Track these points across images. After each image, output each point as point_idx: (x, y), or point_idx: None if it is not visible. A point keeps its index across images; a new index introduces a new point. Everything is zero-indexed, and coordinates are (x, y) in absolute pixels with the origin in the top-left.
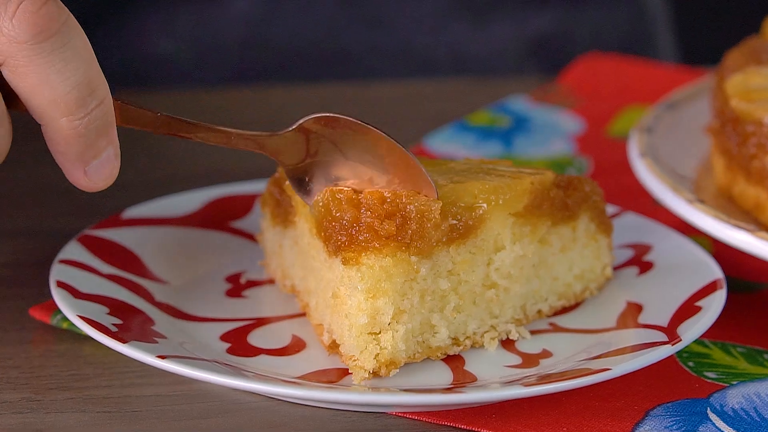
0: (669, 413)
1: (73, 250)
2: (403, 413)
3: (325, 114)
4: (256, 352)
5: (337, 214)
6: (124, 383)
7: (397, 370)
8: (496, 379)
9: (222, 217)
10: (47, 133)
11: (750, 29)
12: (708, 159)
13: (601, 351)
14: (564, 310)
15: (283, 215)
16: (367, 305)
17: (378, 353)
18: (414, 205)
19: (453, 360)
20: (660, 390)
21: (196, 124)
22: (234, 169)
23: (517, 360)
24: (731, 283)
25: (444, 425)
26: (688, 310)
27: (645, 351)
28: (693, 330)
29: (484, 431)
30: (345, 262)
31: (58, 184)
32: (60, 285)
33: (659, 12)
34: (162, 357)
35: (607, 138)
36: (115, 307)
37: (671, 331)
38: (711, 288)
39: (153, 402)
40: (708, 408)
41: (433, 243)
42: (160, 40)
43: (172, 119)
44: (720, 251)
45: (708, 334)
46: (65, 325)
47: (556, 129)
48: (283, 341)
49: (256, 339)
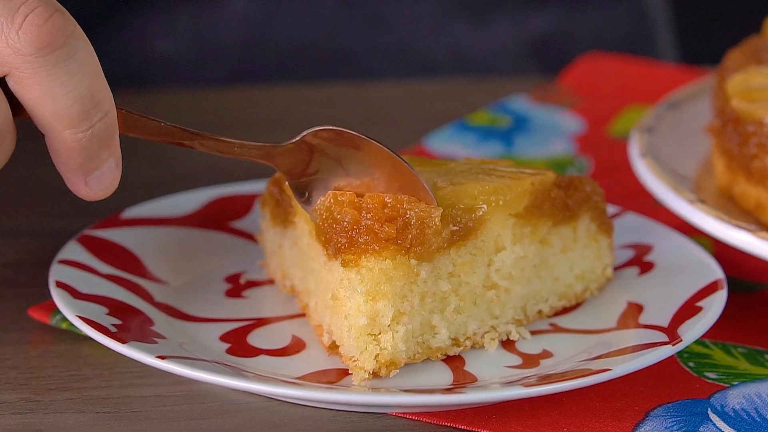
0: (669, 414)
1: (73, 250)
2: (403, 414)
3: (326, 127)
4: (255, 352)
5: (338, 216)
6: (123, 384)
7: (397, 370)
8: (496, 380)
9: (222, 218)
10: (50, 144)
11: (751, 29)
12: (709, 159)
13: (602, 351)
14: (564, 310)
15: (283, 215)
16: (367, 307)
17: (378, 353)
18: (414, 211)
19: (453, 360)
20: (660, 390)
21: (199, 133)
22: (234, 169)
23: (518, 360)
24: (732, 284)
25: (444, 426)
26: (688, 310)
27: (645, 351)
28: (694, 330)
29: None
30: (345, 264)
31: (57, 184)
32: (59, 285)
33: (660, 11)
34: (161, 357)
35: (608, 138)
36: (115, 308)
37: (672, 332)
38: (712, 288)
39: (152, 402)
40: (709, 408)
41: (433, 249)
42: (160, 40)
43: (175, 128)
44: (721, 251)
45: (709, 334)
46: (64, 326)
47: (556, 129)
48: (283, 341)
49: (255, 339)
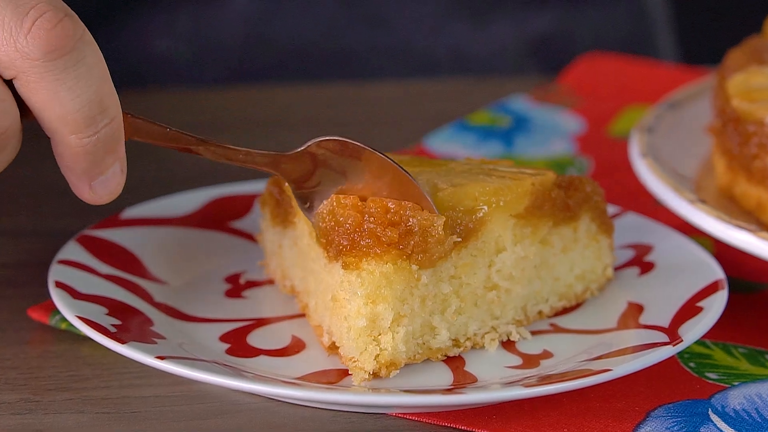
0: (670, 414)
1: (72, 250)
2: (403, 414)
3: (331, 138)
4: (255, 352)
5: (341, 218)
6: (122, 384)
7: (398, 371)
8: (496, 380)
9: (221, 217)
10: (56, 148)
11: (751, 28)
12: (709, 159)
13: (602, 352)
14: (565, 310)
15: (283, 215)
16: (367, 310)
17: (378, 354)
18: (417, 219)
19: (453, 361)
20: (661, 391)
21: (205, 140)
22: (234, 169)
23: (518, 361)
24: (733, 284)
25: (444, 426)
26: (689, 310)
27: (646, 352)
28: (694, 330)
29: None
30: (345, 266)
31: (58, 184)
32: (59, 285)
33: (660, 11)
34: (161, 358)
35: (608, 138)
36: (114, 308)
37: (672, 332)
38: (712, 288)
39: (152, 403)
40: (709, 409)
41: (435, 258)
42: (160, 40)
43: (181, 134)
44: (721, 251)
45: (709, 334)
46: (64, 326)
47: (556, 129)
48: (283, 342)
49: (255, 339)
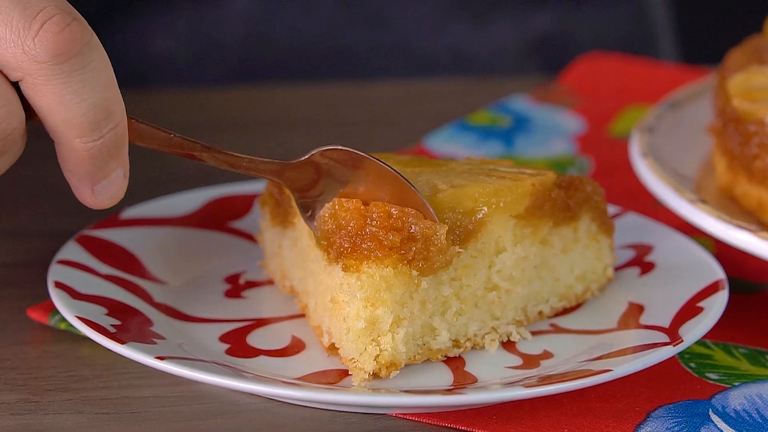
0: (670, 414)
1: (72, 250)
2: (403, 414)
3: (334, 147)
4: (255, 353)
5: (343, 221)
6: (122, 384)
7: (398, 371)
8: (496, 381)
9: (221, 218)
10: (59, 151)
11: (752, 28)
12: (710, 159)
13: (603, 352)
14: (565, 311)
15: (283, 215)
16: (366, 313)
17: (378, 354)
18: (419, 227)
19: (453, 361)
20: (661, 391)
21: (209, 147)
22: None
23: (518, 361)
24: (733, 284)
25: (444, 426)
26: (689, 310)
27: (646, 352)
28: (695, 331)
29: None
30: (345, 268)
31: (57, 183)
32: (58, 285)
33: (660, 11)
34: (161, 358)
35: (609, 138)
36: (114, 308)
37: (673, 332)
38: (713, 289)
39: (151, 403)
40: (710, 409)
41: (436, 267)
42: (160, 39)
43: (185, 141)
44: (722, 252)
45: (710, 335)
46: (63, 326)
47: (557, 129)
48: (283, 342)
49: (255, 340)
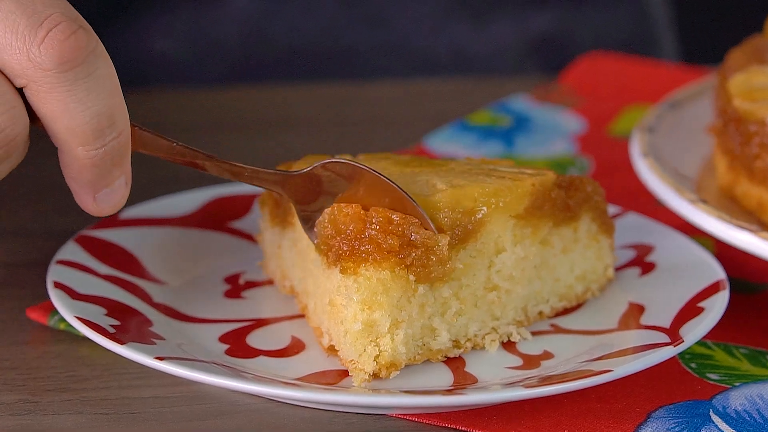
0: (671, 415)
1: (71, 250)
2: (403, 415)
3: (337, 160)
4: (255, 353)
5: (342, 226)
6: (121, 385)
7: (398, 372)
8: (496, 381)
9: (221, 218)
10: (62, 159)
11: (752, 28)
12: (710, 159)
13: (603, 352)
14: (565, 311)
15: (282, 215)
16: (363, 316)
17: (378, 355)
18: (419, 235)
19: (453, 361)
20: (662, 391)
21: (211, 156)
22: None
23: (518, 361)
24: (734, 284)
25: (444, 427)
26: (690, 311)
27: (647, 352)
28: (695, 331)
29: None
30: (343, 271)
31: (57, 183)
32: (57, 286)
33: (661, 11)
34: (160, 358)
35: (609, 138)
36: (113, 308)
37: (673, 333)
38: (713, 289)
39: (151, 404)
40: (710, 410)
41: (433, 276)
42: (160, 39)
43: (187, 149)
44: (722, 252)
45: (710, 335)
46: (62, 326)
47: (557, 129)
48: (283, 342)
49: (255, 340)
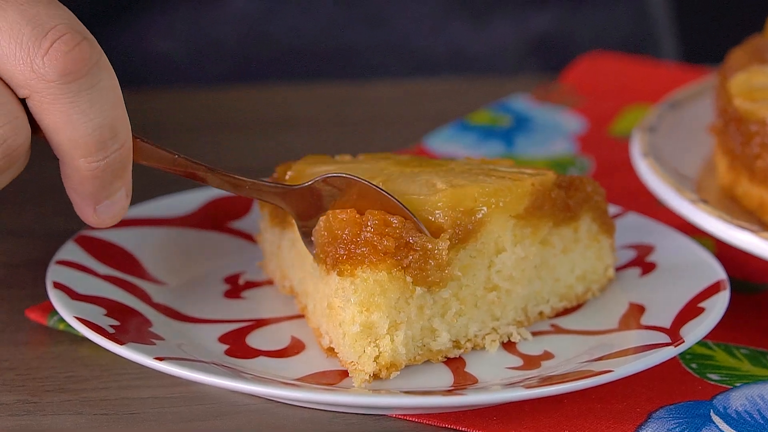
0: (671, 415)
1: (70, 250)
2: (404, 415)
3: (336, 175)
4: (254, 353)
5: (338, 231)
6: (121, 385)
7: (398, 372)
8: (497, 381)
9: (220, 218)
10: (64, 170)
11: (753, 28)
12: (711, 159)
13: (603, 352)
14: (566, 311)
15: (282, 216)
16: (361, 318)
17: (378, 355)
18: (417, 238)
19: (454, 362)
20: (662, 392)
21: (212, 169)
22: (233, 170)
23: (519, 362)
24: (734, 284)
25: (445, 427)
26: (691, 311)
27: (647, 353)
28: (696, 331)
29: None
30: (340, 273)
31: (57, 184)
32: (57, 286)
33: (661, 11)
34: (160, 359)
35: (609, 138)
36: (113, 309)
37: (674, 333)
38: (714, 289)
39: (150, 404)
40: (711, 410)
41: (430, 280)
42: (159, 39)
43: (189, 162)
44: (723, 252)
45: (711, 335)
46: (62, 327)
47: (557, 128)
48: (282, 343)
49: (254, 340)
